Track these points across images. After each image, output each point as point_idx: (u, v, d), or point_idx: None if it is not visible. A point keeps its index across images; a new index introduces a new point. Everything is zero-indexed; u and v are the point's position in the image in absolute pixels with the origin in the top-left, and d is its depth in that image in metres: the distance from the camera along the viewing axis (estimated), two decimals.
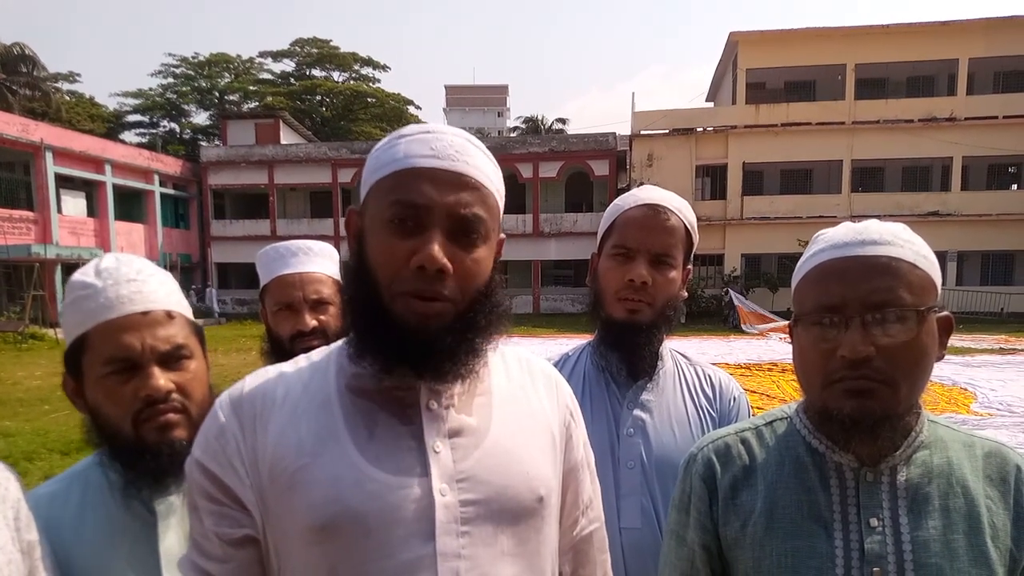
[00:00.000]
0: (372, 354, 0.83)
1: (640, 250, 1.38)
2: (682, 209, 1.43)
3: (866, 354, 0.86)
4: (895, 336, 0.86)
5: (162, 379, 1.04)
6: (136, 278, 1.08)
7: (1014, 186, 27.69)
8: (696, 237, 1.46)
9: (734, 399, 1.47)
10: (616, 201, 1.49)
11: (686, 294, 1.47)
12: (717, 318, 23.07)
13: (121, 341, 1.03)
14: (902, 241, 0.91)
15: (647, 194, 1.43)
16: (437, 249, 0.80)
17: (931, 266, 0.92)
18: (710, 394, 1.47)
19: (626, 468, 1.36)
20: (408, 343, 0.81)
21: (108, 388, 1.03)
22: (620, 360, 1.42)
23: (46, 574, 0.94)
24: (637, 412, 1.40)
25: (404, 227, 0.81)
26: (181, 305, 1.14)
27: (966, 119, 25.11)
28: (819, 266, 0.93)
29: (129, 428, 1.03)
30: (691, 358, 1.54)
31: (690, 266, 1.47)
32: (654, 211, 1.40)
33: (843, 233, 0.94)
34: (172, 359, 1.07)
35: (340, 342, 0.93)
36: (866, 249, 0.90)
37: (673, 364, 1.49)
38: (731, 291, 23.05)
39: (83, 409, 1.08)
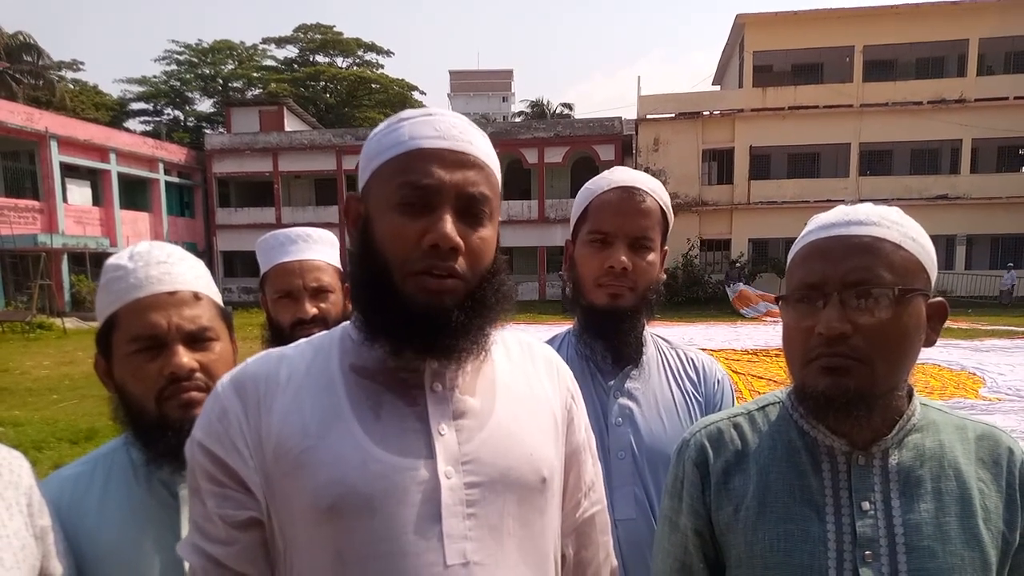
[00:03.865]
0: (384, 336, 0.83)
1: (618, 235, 1.35)
2: (656, 190, 1.40)
3: (842, 331, 0.86)
4: (873, 315, 0.86)
5: (186, 357, 1.06)
6: (166, 260, 1.10)
7: None
8: (671, 217, 1.43)
9: (718, 381, 1.46)
10: (587, 185, 1.45)
11: (664, 276, 1.44)
12: (724, 304, 23.02)
13: (148, 319, 1.05)
14: (889, 222, 0.90)
15: (620, 176, 1.40)
16: (451, 227, 0.81)
17: (920, 249, 0.91)
18: (694, 378, 1.45)
19: (616, 458, 1.33)
20: (420, 321, 0.81)
21: (134, 366, 1.05)
22: (605, 348, 1.39)
23: (59, 559, 0.96)
24: (624, 401, 1.37)
25: (414, 208, 0.82)
26: (210, 289, 1.16)
27: (976, 100, 24.83)
28: (806, 246, 0.94)
29: (153, 405, 1.05)
30: (672, 341, 1.51)
31: (666, 247, 1.45)
32: (629, 193, 1.37)
33: (833, 215, 0.94)
34: (198, 339, 1.09)
35: (343, 324, 0.93)
36: (851, 229, 0.90)
37: (656, 349, 1.46)
38: (728, 282, 23.08)
39: (112, 389, 1.10)
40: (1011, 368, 10.18)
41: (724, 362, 10.86)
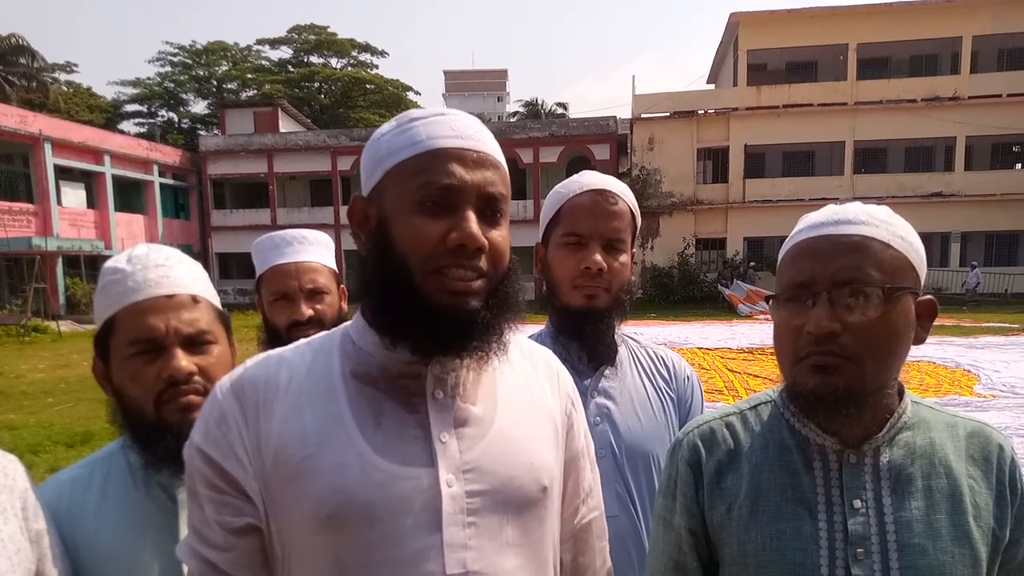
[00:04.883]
0: (405, 338, 0.82)
1: (592, 236, 1.38)
2: (625, 193, 1.44)
3: (831, 330, 0.86)
4: (862, 313, 0.86)
5: (184, 360, 1.05)
6: (164, 263, 1.10)
7: (1018, 165, 27.52)
8: (639, 220, 1.47)
9: (688, 378, 1.50)
10: (557, 188, 1.48)
11: (634, 277, 1.47)
12: (720, 303, 23.07)
13: (146, 322, 1.05)
14: (877, 221, 0.91)
15: (591, 179, 1.43)
16: (476, 227, 0.81)
17: (908, 247, 0.91)
18: (665, 375, 1.48)
19: (597, 457, 1.35)
20: (443, 323, 0.80)
21: (132, 369, 1.05)
22: (580, 348, 1.42)
23: (55, 563, 0.96)
24: (601, 400, 1.39)
25: (436, 208, 0.81)
26: (208, 292, 1.15)
27: (970, 98, 24.90)
28: (795, 245, 0.95)
29: (151, 409, 1.04)
30: (640, 340, 1.54)
31: (635, 249, 1.48)
32: (602, 196, 1.40)
33: (822, 214, 0.95)
34: (196, 343, 1.08)
35: (343, 326, 0.92)
36: (839, 228, 0.91)
37: (627, 349, 1.49)
38: (721, 281, 23.31)
39: (110, 392, 1.10)
40: (1005, 365, 10.19)
41: (720, 361, 10.87)
